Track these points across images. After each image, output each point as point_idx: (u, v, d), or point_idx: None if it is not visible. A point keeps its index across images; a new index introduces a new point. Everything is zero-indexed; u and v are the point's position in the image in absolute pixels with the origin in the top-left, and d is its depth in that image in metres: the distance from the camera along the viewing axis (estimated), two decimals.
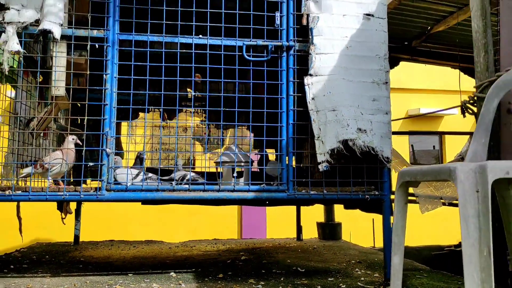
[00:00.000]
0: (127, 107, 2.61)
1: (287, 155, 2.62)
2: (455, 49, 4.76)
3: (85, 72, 2.56)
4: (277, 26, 2.69)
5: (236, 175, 2.86)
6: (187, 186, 2.57)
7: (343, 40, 2.66)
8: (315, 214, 4.94)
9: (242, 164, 2.92)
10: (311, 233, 5.01)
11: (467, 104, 2.73)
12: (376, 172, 2.67)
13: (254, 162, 3.12)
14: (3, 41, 2.37)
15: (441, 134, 9.46)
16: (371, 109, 2.62)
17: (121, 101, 2.64)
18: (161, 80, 2.60)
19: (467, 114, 2.76)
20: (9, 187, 2.47)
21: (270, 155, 3.29)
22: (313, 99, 2.59)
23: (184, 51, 2.62)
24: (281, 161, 2.65)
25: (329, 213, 4.88)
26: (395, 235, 1.94)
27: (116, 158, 2.60)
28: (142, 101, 2.86)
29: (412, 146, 10.22)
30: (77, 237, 4.24)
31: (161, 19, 2.59)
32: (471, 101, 2.72)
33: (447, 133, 8.61)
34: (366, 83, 2.65)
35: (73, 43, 2.51)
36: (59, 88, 2.48)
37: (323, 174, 2.60)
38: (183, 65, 2.60)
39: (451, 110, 7.27)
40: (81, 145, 2.62)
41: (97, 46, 2.52)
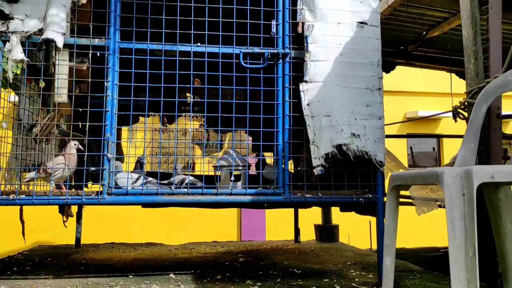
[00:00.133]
0: (128, 113, 2.68)
1: (283, 159, 2.69)
2: (450, 53, 4.83)
3: (86, 80, 2.63)
4: (273, 34, 2.76)
5: (233, 179, 2.93)
6: (186, 189, 2.64)
7: (338, 47, 2.73)
8: (313, 216, 5.00)
9: (239, 168, 2.99)
10: (309, 235, 5.07)
11: (458, 109, 2.80)
12: (370, 175, 2.74)
13: (252, 165, 3.18)
14: (8, 50, 2.44)
15: (439, 137, 9.51)
16: (364, 114, 2.68)
17: (121, 105, 2.70)
18: (161, 85, 2.67)
19: (458, 119, 2.84)
20: (13, 191, 2.53)
21: (268, 158, 3.36)
22: (308, 105, 2.66)
23: (183, 59, 2.70)
24: (277, 165, 2.72)
25: (326, 216, 4.94)
26: (386, 237, 1.99)
27: (116, 163, 2.67)
28: (142, 106, 2.93)
29: (411, 148, 10.26)
30: (78, 240, 4.31)
31: (161, 27, 2.66)
32: (462, 106, 2.80)
33: (444, 136, 8.68)
34: (359, 89, 2.72)
35: (75, 52, 2.58)
36: (62, 95, 2.55)
37: (319, 177, 2.67)
38: (182, 72, 2.67)
39: (448, 113, 7.32)
40: (82, 150, 2.69)
41: (98, 54, 2.59)
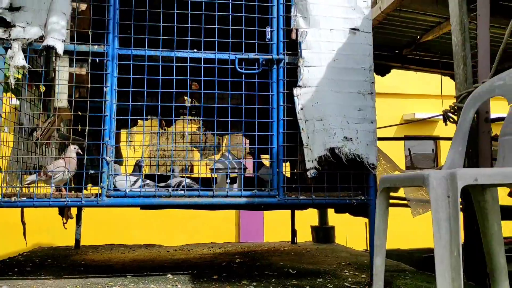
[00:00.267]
0: (126, 118, 2.75)
1: (277, 162, 2.76)
2: (443, 57, 4.92)
3: (86, 85, 2.70)
4: (268, 40, 2.83)
5: (229, 181, 2.99)
6: (183, 192, 2.71)
7: (330, 53, 2.80)
8: (310, 218, 5.06)
9: (235, 170, 3.06)
10: (306, 236, 5.14)
11: (448, 113, 2.88)
12: (362, 178, 2.81)
13: (248, 168, 3.25)
14: (10, 56, 2.51)
15: (435, 139, 9.59)
16: (357, 118, 2.76)
17: (120, 109, 2.77)
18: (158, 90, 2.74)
19: (448, 122, 2.91)
20: (15, 193, 2.58)
21: (264, 161, 3.43)
22: (302, 109, 2.74)
23: (180, 64, 2.77)
24: (272, 168, 2.78)
25: (322, 217, 5.00)
26: (377, 237, 2.04)
27: (115, 165, 2.74)
28: (141, 109, 3.00)
29: (409, 150, 10.32)
30: (78, 241, 4.37)
31: (158, 34, 2.73)
32: (452, 110, 2.87)
33: (440, 139, 8.74)
34: (352, 93, 2.79)
35: (75, 58, 2.65)
36: (62, 100, 2.62)
37: (314, 180, 2.74)
38: (179, 77, 2.73)
39: None
40: (82, 154, 2.76)
41: (98, 60, 2.66)
